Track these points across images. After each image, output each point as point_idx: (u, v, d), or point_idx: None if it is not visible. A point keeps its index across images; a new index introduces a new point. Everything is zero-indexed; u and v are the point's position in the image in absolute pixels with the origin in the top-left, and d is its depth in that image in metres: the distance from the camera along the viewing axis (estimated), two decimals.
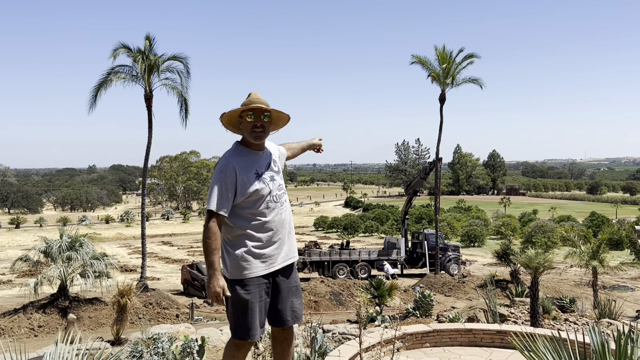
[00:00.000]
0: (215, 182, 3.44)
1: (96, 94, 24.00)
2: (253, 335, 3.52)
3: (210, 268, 3.41)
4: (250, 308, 3.49)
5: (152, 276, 30.81)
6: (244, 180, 3.45)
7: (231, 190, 3.42)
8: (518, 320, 12.04)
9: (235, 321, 3.55)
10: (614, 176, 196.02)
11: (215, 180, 3.44)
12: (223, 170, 3.44)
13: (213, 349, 9.76)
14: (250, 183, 3.47)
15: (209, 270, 3.42)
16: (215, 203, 3.40)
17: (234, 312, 3.54)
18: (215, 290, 3.37)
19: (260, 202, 3.51)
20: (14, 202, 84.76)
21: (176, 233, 60.32)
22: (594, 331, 3.95)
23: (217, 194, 3.41)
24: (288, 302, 3.69)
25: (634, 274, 29.26)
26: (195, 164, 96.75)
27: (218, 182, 3.42)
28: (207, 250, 3.43)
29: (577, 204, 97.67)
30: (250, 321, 3.50)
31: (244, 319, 3.50)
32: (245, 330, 3.51)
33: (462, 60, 30.37)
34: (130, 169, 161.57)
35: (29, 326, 16.49)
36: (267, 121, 3.53)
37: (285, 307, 3.68)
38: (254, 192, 3.46)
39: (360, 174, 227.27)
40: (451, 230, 51.90)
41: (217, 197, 3.41)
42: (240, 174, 3.45)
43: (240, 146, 3.60)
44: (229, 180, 3.42)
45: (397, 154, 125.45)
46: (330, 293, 22.23)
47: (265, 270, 3.53)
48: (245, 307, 3.49)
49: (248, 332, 3.51)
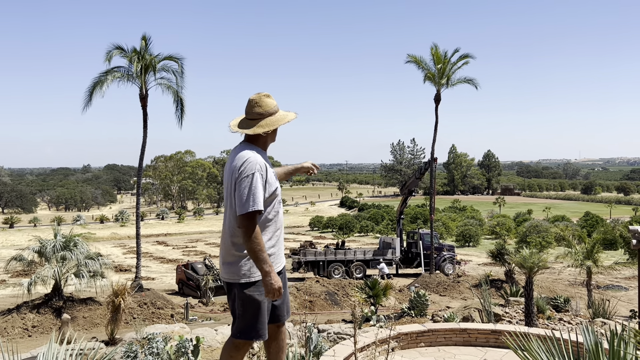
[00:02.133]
0: (253, 181, 3.41)
1: (91, 94, 23.94)
2: (264, 335, 3.59)
3: (267, 264, 3.42)
4: (262, 308, 3.56)
5: (147, 276, 30.72)
6: (271, 178, 3.54)
7: (267, 190, 3.49)
8: (512, 320, 12.08)
9: (246, 322, 3.57)
10: (608, 176, 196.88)
11: (254, 179, 3.42)
12: (258, 170, 3.44)
13: (208, 349, 9.75)
14: (274, 181, 3.57)
15: (266, 266, 3.41)
16: (259, 203, 3.39)
17: (246, 314, 3.57)
18: (275, 287, 3.42)
19: (276, 201, 3.60)
20: (8, 201, 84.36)
21: (171, 233, 60.18)
22: (588, 331, 3.96)
23: (258, 194, 3.40)
24: (285, 297, 3.78)
25: (628, 274, 29.39)
26: (190, 164, 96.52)
27: (256, 182, 3.41)
28: (259, 248, 3.41)
29: (572, 204, 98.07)
30: (262, 321, 3.57)
31: (256, 319, 3.55)
32: (256, 330, 3.57)
33: (457, 60, 30.44)
34: (125, 168, 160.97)
35: (23, 326, 16.42)
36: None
37: (282, 303, 3.77)
38: (274, 190, 3.56)
39: (355, 174, 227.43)
40: (446, 230, 52.01)
41: (259, 196, 3.40)
42: (270, 173, 3.54)
43: (253, 145, 3.64)
44: (264, 179, 3.48)
45: (393, 153, 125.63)
46: (326, 293, 22.25)
47: (276, 270, 3.59)
48: (258, 308, 3.54)
49: (259, 332, 3.57)
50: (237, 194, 3.42)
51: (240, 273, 3.55)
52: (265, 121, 3.60)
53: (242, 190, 3.39)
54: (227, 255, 3.61)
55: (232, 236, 3.57)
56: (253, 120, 3.63)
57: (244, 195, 3.38)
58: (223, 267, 3.66)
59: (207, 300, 22.93)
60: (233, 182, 3.48)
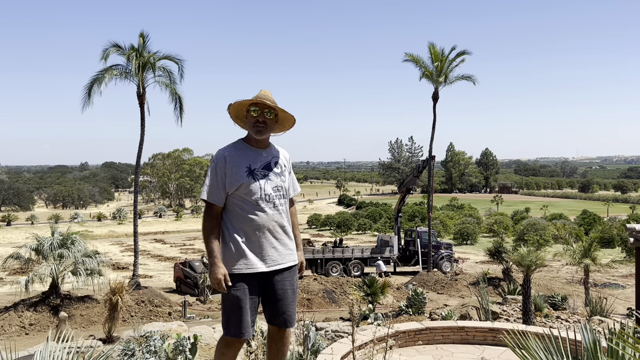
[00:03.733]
0: (208, 172, 3.55)
1: (89, 92, 23.85)
2: (243, 333, 3.51)
3: (210, 256, 3.46)
4: (241, 305, 3.48)
5: (145, 274, 30.70)
6: (233, 172, 3.50)
7: (221, 181, 3.49)
8: (510, 318, 12.09)
9: (226, 318, 3.55)
10: (605, 174, 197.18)
11: (209, 170, 3.56)
12: (214, 160, 3.55)
13: (205, 347, 9.75)
14: (239, 176, 3.50)
15: (209, 258, 3.47)
16: (206, 192, 3.50)
17: (224, 309, 3.57)
18: (217, 277, 3.41)
19: (251, 198, 3.51)
20: (5, 199, 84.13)
21: (169, 231, 60.16)
22: (586, 329, 3.96)
23: (208, 184, 3.51)
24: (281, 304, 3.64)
25: (625, 272, 29.48)
26: (188, 162, 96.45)
27: (210, 173, 3.53)
28: (204, 238, 3.51)
29: (569, 202, 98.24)
30: (240, 318, 3.49)
31: (233, 315, 3.51)
32: (235, 327, 3.51)
33: (455, 57, 30.40)
34: (123, 166, 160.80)
35: (20, 324, 16.40)
36: (270, 118, 3.56)
37: (278, 309, 3.64)
38: (241, 186, 3.49)
39: (353, 172, 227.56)
40: (444, 228, 52.09)
41: (209, 186, 3.51)
42: (230, 165, 3.50)
43: (240, 141, 3.65)
44: (219, 170, 3.50)
45: (391, 152, 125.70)
46: (323, 291, 22.26)
47: (250, 269, 3.51)
48: (235, 304, 3.49)
49: (238, 329, 3.50)
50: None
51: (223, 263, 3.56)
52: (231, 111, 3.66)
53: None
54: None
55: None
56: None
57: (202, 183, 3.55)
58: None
59: (204, 298, 22.93)
60: None
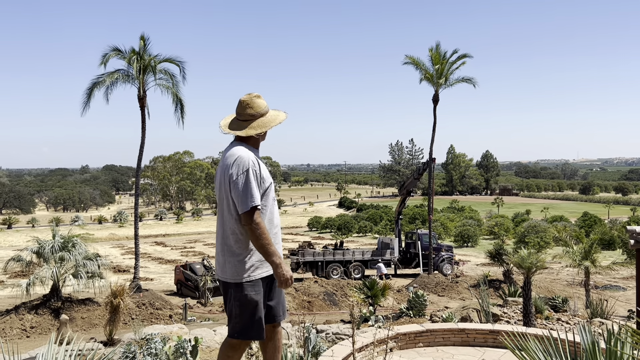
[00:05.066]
0: (246, 178, 3.45)
1: (89, 95, 23.89)
2: (262, 335, 3.59)
3: (277, 256, 3.44)
4: (259, 308, 3.56)
5: (145, 277, 30.70)
6: (264, 175, 3.56)
7: (258, 185, 3.50)
8: (511, 320, 12.09)
9: (243, 322, 3.57)
10: (606, 176, 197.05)
11: (246, 176, 3.46)
12: (250, 165, 3.49)
13: (206, 350, 9.75)
14: (268, 177, 3.59)
15: (276, 259, 3.43)
16: (256, 198, 3.42)
17: (243, 314, 3.56)
18: (289, 276, 3.43)
19: (269, 197, 3.60)
20: (6, 202, 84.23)
21: (169, 233, 60.14)
22: (585, 330, 3.98)
23: (253, 189, 3.44)
24: (280, 297, 3.77)
25: (626, 274, 29.43)
26: (188, 164, 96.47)
27: (251, 178, 3.46)
28: (267, 242, 3.42)
29: (570, 204, 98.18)
30: (259, 321, 3.56)
31: (253, 319, 3.55)
32: (255, 330, 3.57)
33: (456, 60, 30.48)
34: (123, 169, 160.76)
35: (21, 327, 16.40)
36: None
37: (278, 303, 3.75)
38: (268, 187, 3.57)
39: (354, 175, 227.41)
40: (444, 231, 52.03)
41: (253, 191, 3.43)
42: (262, 169, 3.57)
43: (248, 145, 3.67)
44: (257, 175, 3.51)
45: (391, 154, 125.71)
46: (324, 293, 22.24)
47: (269, 271, 3.57)
48: (255, 307, 3.54)
49: (257, 332, 3.57)
50: (235, 193, 3.45)
51: (236, 273, 3.54)
52: (257, 122, 3.63)
53: (240, 189, 3.43)
54: (222, 255, 3.61)
55: (225, 237, 3.57)
56: (245, 121, 3.65)
57: (242, 193, 3.42)
58: (219, 267, 3.65)
59: (205, 300, 22.91)
60: (228, 181, 3.50)
